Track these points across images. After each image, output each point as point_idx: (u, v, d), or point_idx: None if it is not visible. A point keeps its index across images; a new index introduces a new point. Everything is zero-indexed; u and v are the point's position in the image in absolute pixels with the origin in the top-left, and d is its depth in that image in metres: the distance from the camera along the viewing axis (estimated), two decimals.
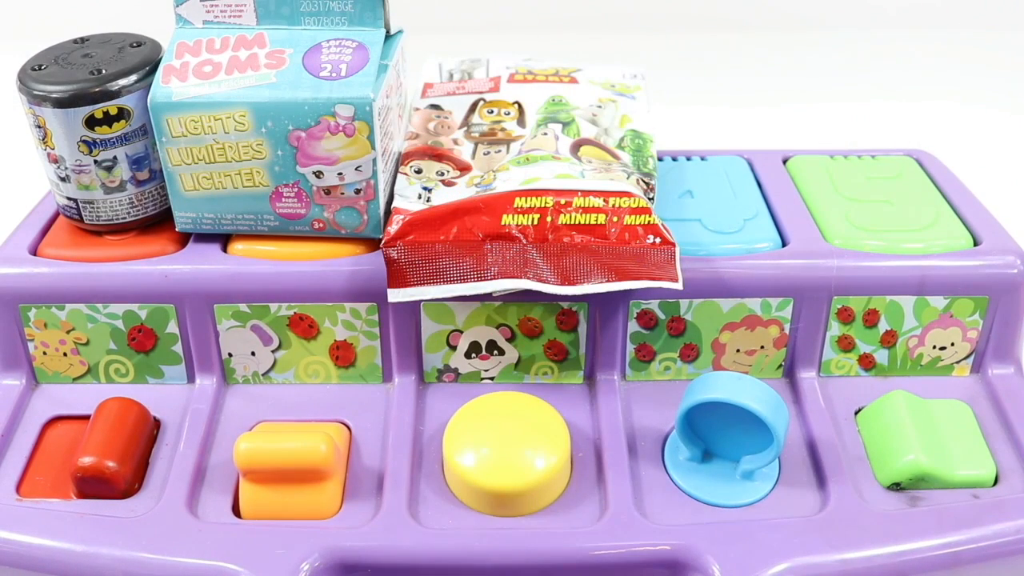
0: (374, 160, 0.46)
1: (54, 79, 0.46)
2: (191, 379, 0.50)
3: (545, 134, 0.52)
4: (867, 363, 0.50)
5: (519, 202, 0.46)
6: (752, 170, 0.57)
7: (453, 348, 0.49)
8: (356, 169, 0.47)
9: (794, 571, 0.40)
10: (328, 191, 0.47)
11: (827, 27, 1.16)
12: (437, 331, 0.49)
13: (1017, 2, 1.17)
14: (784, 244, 0.50)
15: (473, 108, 0.56)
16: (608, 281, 0.45)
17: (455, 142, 0.53)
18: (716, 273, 0.48)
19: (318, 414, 0.48)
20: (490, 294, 0.46)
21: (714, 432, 0.45)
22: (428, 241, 0.46)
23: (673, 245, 0.45)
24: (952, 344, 0.50)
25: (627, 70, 0.60)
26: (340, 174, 0.47)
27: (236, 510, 0.44)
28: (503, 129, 0.54)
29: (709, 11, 1.16)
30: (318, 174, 0.47)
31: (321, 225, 0.48)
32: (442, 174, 0.50)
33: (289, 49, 0.47)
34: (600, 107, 0.55)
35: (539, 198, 0.46)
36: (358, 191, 0.47)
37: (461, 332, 0.49)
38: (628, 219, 0.45)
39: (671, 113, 0.74)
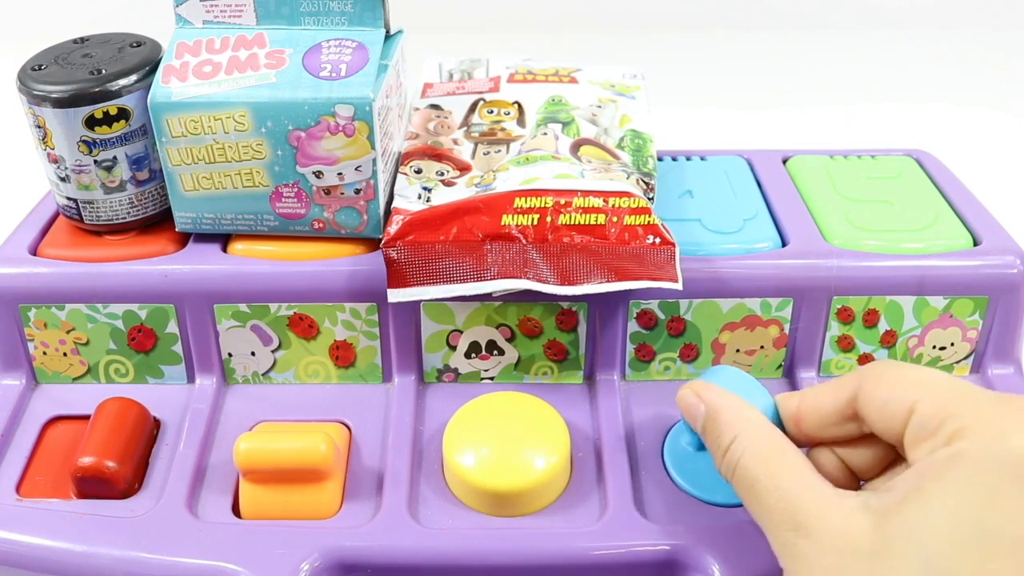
0: (374, 160, 0.46)
1: (54, 79, 0.46)
2: (191, 379, 0.50)
3: (545, 134, 0.52)
4: (867, 363, 0.50)
5: (519, 202, 0.46)
6: (752, 170, 0.57)
7: (453, 348, 0.49)
8: (356, 169, 0.47)
9: None
10: (328, 191, 0.47)
11: (827, 27, 1.16)
12: (437, 331, 0.49)
13: (1017, 2, 1.17)
14: (784, 244, 0.50)
15: (473, 108, 0.56)
16: (608, 281, 0.45)
17: (455, 142, 0.53)
18: (716, 273, 0.48)
19: (318, 414, 0.48)
20: (490, 294, 0.46)
21: None
22: (428, 241, 0.46)
23: (673, 245, 0.45)
24: (952, 344, 0.50)
25: (627, 70, 0.60)
26: (340, 174, 0.47)
27: (236, 510, 0.44)
28: (503, 129, 0.54)
29: (709, 11, 1.16)
30: (318, 174, 0.47)
31: (321, 225, 0.48)
32: (442, 174, 0.50)
33: (289, 49, 0.47)
34: (600, 107, 0.55)
35: (539, 198, 0.46)
36: (358, 191, 0.47)
37: (461, 332, 0.49)
38: (628, 219, 0.45)
39: (671, 113, 0.74)
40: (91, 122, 0.46)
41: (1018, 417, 0.31)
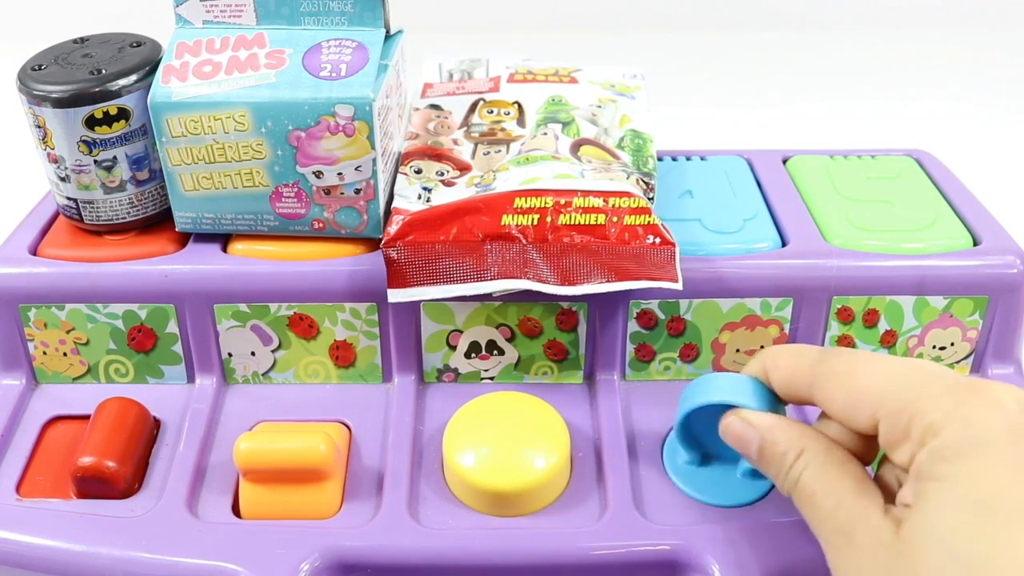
0: (374, 160, 0.46)
1: (54, 79, 0.46)
2: (191, 379, 0.50)
3: (545, 134, 0.52)
4: None
5: (519, 202, 0.46)
6: (752, 170, 0.56)
7: (453, 348, 0.49)
8: (356, 169, 0.47)
9: (794, 571, 0.40)
10: (328, 191, 0.47)
11: (827, 27, 1.16)
12: (437, 331, 0.49)
13: (1017, 2, 1.17)
14: (784, 244, 0.50)
15: (473, 108, 0.56)
16: (608, 281, 0.45)
17: (455, 142, 0.53)
18: (716, 273, 0.48)
19: (318, 414, 0.48)
20: (490, 294, 0.46)
21: (713, 433, 0.44)
22: (428, 241, 0.46)
23: (673, 245, 0.45)
24: (952, 344, 0.50)
25: (627, 70, 0.60)
26: (340, 174, 0.47)
27: (236, 510, 0.44)
28: (503, 129, 0.54)
29: (709, 11, 1.16)
30: (318, 174, 0.47)
31: (321, 225, 0.48)
32: (442, 174, 0.50)
33: (289, 49, 0.47)
34: (600, 107, 0.55)
35: (539, 198, 0.46)
36: (358, 191, 0.47)
37: (461, 332, 0.49)
38: (628, 219, 0.45)
39: (671, 113, 0.74)
40: (91, 122, 0.46)
41: (976, 399, 0.33)
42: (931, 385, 0.34)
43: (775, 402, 0.42)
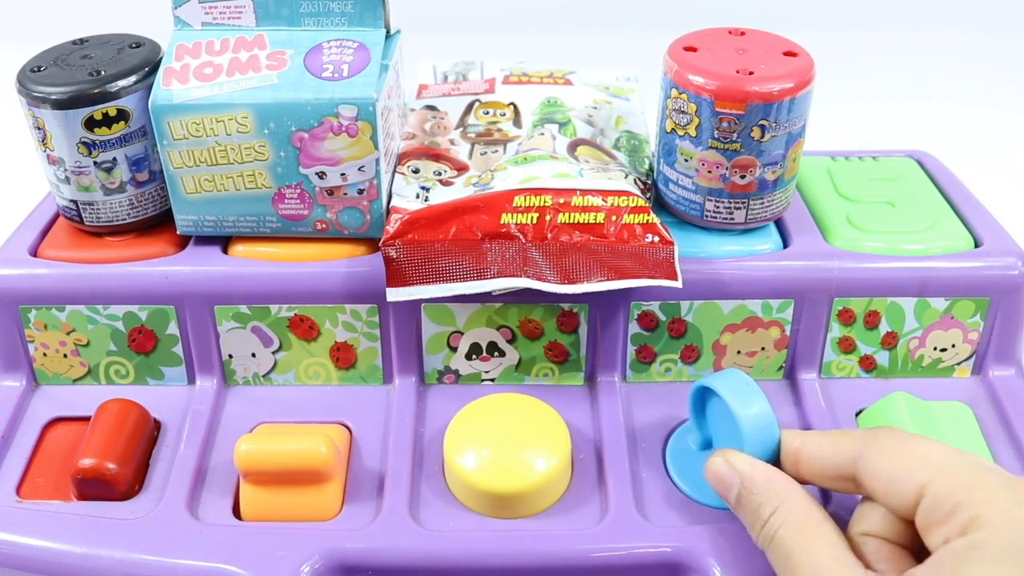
0: (377, 160, 0.46)
1: (53, 80, 0.46)
2: (191, 380, 0.50)
3: (542, 134, 0.52)
4: (868, 364, 0.50)
5: (518, 201, 0.46)
6: None
7: (454, 349, 0.49)
8: (359, 169, 0.46)
9: None
10: (331, 192, 0.47)
11: (826, 27, 1.16)
12: (438, 332, 0.49)
13: (1017, 2, 1.17)
14: (785, 245, 0.50)
15: (469, 109, 0.56)
16: (608, 280, 0.45)
17: (452, 142, 0.53)
18: (717, 274, 0.48)
19: (318, 415, 0.48)
20: (490, 294, 0.46)
21: (719, 430, 0.44)
22: (427, 240, 0.46)
23: (672, 244, 0.45)
24: (953, 346, 0.50)
25: (620, 73, 0.60)
26: (343, 175, 0.47)
27: (236, 512, 0.44)
28: (499, 130, 0.54)
29: (708, 11, 1.16)
30: (321, 175, 0.47)
31: (324, 226, 0.48)
32: (439, 174, 0.50)
33: (290, 50, 0.47)
34: (596, 108, 0.55)
35: (538, 197, 0.46)
36: (361, 191, 0.47)
37: (462, 334, 0.49)
38: (627, 218, 0.45)
39: None
40: (90, 123, 0.46)
41: None
42: (987, 478, 0.32)
43: (767, 424, 0.41)
